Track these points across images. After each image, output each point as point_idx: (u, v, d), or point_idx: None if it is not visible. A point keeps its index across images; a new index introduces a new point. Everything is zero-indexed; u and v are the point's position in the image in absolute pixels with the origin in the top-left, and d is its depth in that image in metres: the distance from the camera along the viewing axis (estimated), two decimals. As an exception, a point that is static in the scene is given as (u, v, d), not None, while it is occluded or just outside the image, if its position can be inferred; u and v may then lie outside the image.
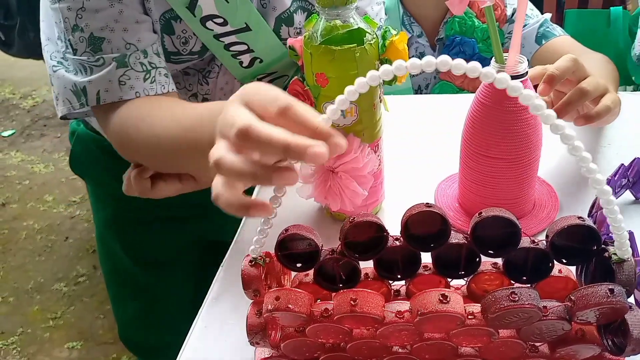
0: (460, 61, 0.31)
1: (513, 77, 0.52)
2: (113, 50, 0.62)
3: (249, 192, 0.74)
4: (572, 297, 0.36)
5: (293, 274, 0.45)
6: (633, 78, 1.43)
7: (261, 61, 0.72)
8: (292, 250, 0.42)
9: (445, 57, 0.31)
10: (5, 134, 2.97)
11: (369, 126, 0.56)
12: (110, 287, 0.98)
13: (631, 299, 0.41)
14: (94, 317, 1.71)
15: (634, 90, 1.43)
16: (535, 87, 0.59)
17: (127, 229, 0.89)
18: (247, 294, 0.41)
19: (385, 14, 1.05)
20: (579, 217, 0.39)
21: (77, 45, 0.62)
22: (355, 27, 0.51)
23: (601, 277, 0.39)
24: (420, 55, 1.05)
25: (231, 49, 0.70)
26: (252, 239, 0.39)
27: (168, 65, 0.69)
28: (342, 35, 0.51)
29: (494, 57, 0.54)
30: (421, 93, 1.07)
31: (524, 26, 0.96)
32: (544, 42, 0.94)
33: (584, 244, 0.39)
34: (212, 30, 0.67)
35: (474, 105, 0.55)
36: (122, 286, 0.95)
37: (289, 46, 0.56)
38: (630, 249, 0.36)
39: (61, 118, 0.71)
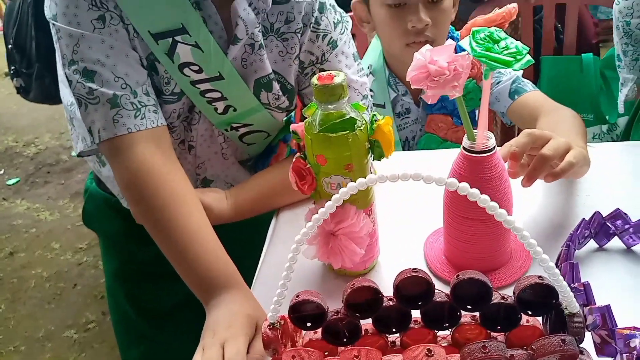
0: (431, 175, 0.40)
1: (483, 152, 0.62)
2: (104, 83, 0.70)
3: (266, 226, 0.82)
4: (533, 347, 0.44)
5: (304, 332, 0.54)
6: (607, 117, 1.54)
7: (235, 110, 0.80)
8: (302, 312, 0.50)
9: (418, 172, 0.40)
10: (10, 182, 3.05)
11: (362, 195, 0.65)
12: (117, 333, 1.04)
13: (591, 343, 0.49)
14: (105, 363, 1.77)
15: (609, 130, 1.54)
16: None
17: (131, 280, 0.96)
18: (267, 352, 0.49)
19: (373, 75, 1.16)
20: (539, 277, 0.48)
21: (72, 77, 0.71)
22: (348, 117, 0.61)
23: (559, 327, 0.47)
24: (407, 111, 1.15)
25: (206, 95, 0.78)
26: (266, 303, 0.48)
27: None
28: (336, 123, 0.61)
29: (466, 135, 0.63)
30: (408, 145, 1.17)
31: (498, 83, 1.06)
32: (516, 97, 1.04)
33: (544, 298, 0.48)
34: (189, 76, 0.76)
35: (451, 174, 0.64)
36: (127, 333, 1.00)
37: (293, 131, 0.65)
38: (576, 305, 0.44)
39: (77, 156, 0.79)
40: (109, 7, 0.70)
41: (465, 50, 0.57)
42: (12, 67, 1.82)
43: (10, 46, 1.77)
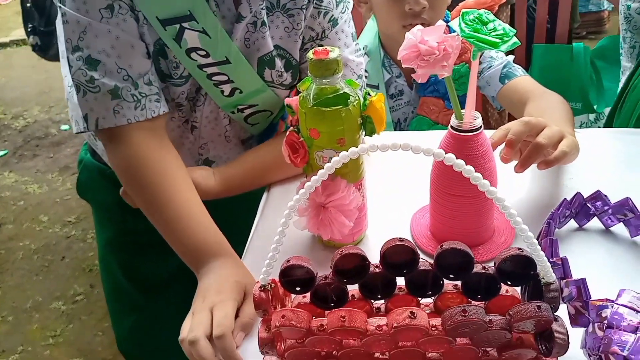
0: (419, 145, 0.42)
1: (469, 131, 0.64)
2: (107, 73, 0.71)
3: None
4: (511, 312, 0.47)
5: (293, 296, 0.56)
6: (595, 107, 1.57)
7: (241, 92, 0.82)
8: (292, 277, 0.52)
9: (407, 142, 0.42)
10: (-2, 154, 3.03)
11: (353, 169, 0.67)
12: (110, 302, 1.05)
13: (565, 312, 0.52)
14: (92, 334, 1.78)
15: (596, 119, 1.57)
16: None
17: (125, 251, 0.98)
18: (258, 313, 0.51)
19: (368, 55, 1.17)
20: (519, 249, 0.50)
21: (73, 63, 0.72)
22: (342, 92, 0.62)
23: (536, 297, 0.50)
24: (400, 93, 1.17)
25: (213, 78, 0.79)
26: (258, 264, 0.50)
27: (164, 87, 0.79)
28: (330, 98, 0.62)
29: (454, 114, 0.65)
30: (400, 126, 1.19)
31: (490, 67, 1.08)
32: (506, 81, 1.06)
33: (523, 269, 0.50)
34: (196, 60, 0.77)
35: (440, 151, 0.66)
36: (120, 302, 1.02)
37: (287, 105, 0.67)
38: (553, 275, 0.47)
39: (76, 133, 0.81)
40: None
41: (455, 31, 0.59)
42: (30, 25, 1.83)
43: (28, 4, 1.78)
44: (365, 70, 1.07)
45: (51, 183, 2.66)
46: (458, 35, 0.58)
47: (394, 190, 0.82)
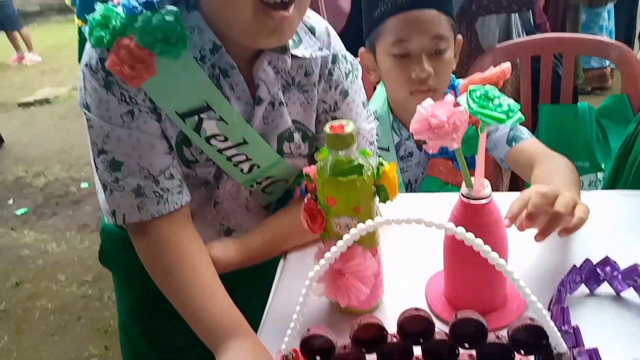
0: (432, 220, 0.45)
1: (479, 199, 0.67)
2: (129, 173, 0.76)
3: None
4: (525, 383, 0.48)
5: (313, 364, 0.57)
6: (602, 165, 1.59)
7: (259, 167, 0.86)
8: (313, 346, 0.54)
9: (420, 217, 0.45)
10: (19, 212, 3.10)
11: (368, 236, 0.70)
12: None
13: None
14: (106, 397, 1.78)
15: (604, 177, 1.59)
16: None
17: (146, 317, 1.00)
18: (280, 382, 0.53)
19: (377, 120, 1.22)
20: (531, 318, 0.52)
21: (99, 165, 0.77)
22: (356, 163, 0.66)
23: (550, 365, 0.51)
24: (409, 155, 1.21)
25: (233, 159, 0.83)
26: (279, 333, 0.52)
27: (192, 171, 0.83)
28: (346, 168, 0.66)
29: (464, 182, 0.68)
30: (411, 187, 1.22)
31: (497, 130, 1.12)
32: (514, 144, 1.10)
33: (535, 339, 0.52)
34: (216, 146, 0.81)
35: (450, 218, 0.69)
36: None
37: (305, 174, 0.71)
38: (564, 346, 0.48)
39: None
40: (137, 101, 0.75)
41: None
42: None
43: None
44: (376, 134, 1.11)
45: (70, 241, 2.71)
46: (461, 110, 0.63)
47: (408, 256, 0.84)
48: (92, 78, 0.74)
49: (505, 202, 0.73)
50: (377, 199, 0.70)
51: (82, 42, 1.99)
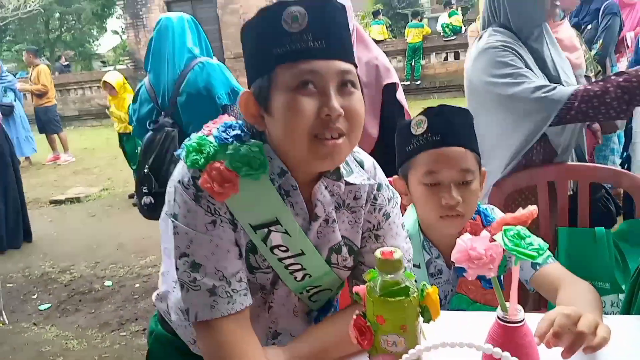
0: (472, 342, 0.53)
1: (513, 322, 0.74)
2: (206, 275, 0.86)
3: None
4: None
5: None
6: (623, 287, 1.64)
7: (310, 276, 0.96)
8: None
9: (462, 341, 0.53)
10: (42, 307, 3.14)
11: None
12: None
13: None
14: None
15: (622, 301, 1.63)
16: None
17: None
18: None
19: (409, 239, 1.32)
20: None
21: (180, 266, 0.87)
22: (404, 285, 0.76)
23: None
24: (439, 272, 1.29)
25: (289, 267, 0.94)
26: None
27: (253, 277, 0.93)
28: (394, 290, 0.75)
29: (500, 306, 0.76)
30: (441, 304, 1.28)
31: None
32: (538, 267, 1.18)
33: None
34: (277, 255, 0.92)
35: (487, 339, 0.76)
36: None
37: (355, 293, 0.80)
38: None
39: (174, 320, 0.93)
40: (220, 213, 0.88)
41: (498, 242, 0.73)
42: (144, 188, 2.23)
43: (146, 170, 2.21)
44: (411, 253, 1.21)
45: (91, 339, 2.72)
46: (500, 244, 0.73)
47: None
48: (184, 192, 0.86)
49: (532, 321, 0.80)
50: (421, 318, 0.78)
51: (126, 148, 2.31)
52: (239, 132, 0.88)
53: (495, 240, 0.73)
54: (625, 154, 3.44)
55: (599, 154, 3.41)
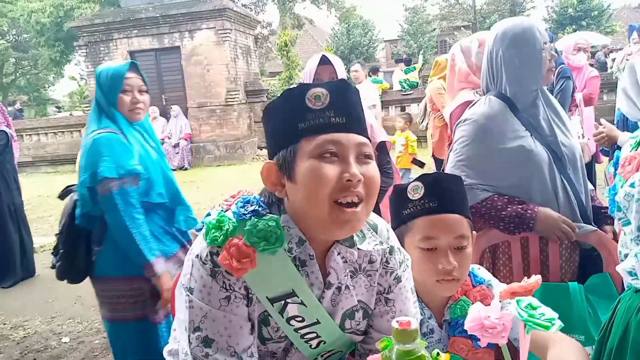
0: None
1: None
2: (218, 350, 0.86)
3: None
4: None
5: None
6: (596, 338, 1.70)
7: (325, 342, 0.96)
8: None
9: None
10: (-9, 369, 2.94)
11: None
12: None
13: None
14: None
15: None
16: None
17: None
18: None
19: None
20: None
21: (193, 340, 0.87)
22: (419, 354, 0.77)
23: None
24: (431, 332, 1.31)
25: (305, 337, 0.94)
26: None
27: (264, 347, 0.92)
28: (411, 358, 0.76)
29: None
30: (434, 365, 1.30)
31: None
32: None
33: None
34: (293, 325, 0.93)
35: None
36: None
37: (370, 356, 0.80)
38: None
39: None
40: (235, 289, 0.89)
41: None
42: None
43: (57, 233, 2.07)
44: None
45: (48, 403, 2.55)
46: (510, 312, 0.76)
47: None
48: (201, 267, 0.87)
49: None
50: (435, 383, 0.79)
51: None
52: (256, 207, 0.91)
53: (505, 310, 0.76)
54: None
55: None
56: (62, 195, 2.03)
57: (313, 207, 0.87)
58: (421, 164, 5.04)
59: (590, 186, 1.86)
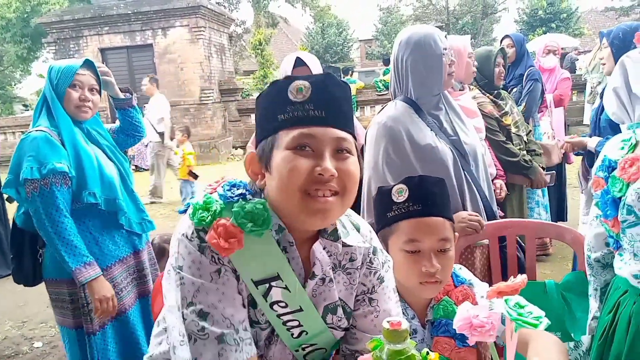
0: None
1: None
2: (214, 323, 0.86)
3: None
4: None
5: None
6: (572, 335, 1.75)
7: (307, 333, 0.97)
8: None
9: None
10: (-41, 376, 2.84)
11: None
12: None
13: None
14: None
15: (575, 346, 1.74)
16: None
17: None
18: None
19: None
20: None
21: (187, 316, 0.86)
22: (410, 353, 0.78)
23: None
24: (414, 332, 1.33)
25: (287, 324, 0.95)
26: None
27: (252, 330, 0.92)
28: (402, 358, 0.77)
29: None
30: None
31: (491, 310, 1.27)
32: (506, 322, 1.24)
33: None
34: (276, 311, 0.93)
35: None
36: None
37: (364, 362, 0.81)
38: None
39: None
40: (224, 263, 0.89)
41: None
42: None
43: None
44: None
45: (20, 411, 2.48)
46: (497, 312, 0.77)
47: None
48: (189, 244, 0.87)
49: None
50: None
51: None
52: (243, 190, 0.92)
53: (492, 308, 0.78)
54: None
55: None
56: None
57: (284, 197, 0.88)
58: (195, 176, 5.65)
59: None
